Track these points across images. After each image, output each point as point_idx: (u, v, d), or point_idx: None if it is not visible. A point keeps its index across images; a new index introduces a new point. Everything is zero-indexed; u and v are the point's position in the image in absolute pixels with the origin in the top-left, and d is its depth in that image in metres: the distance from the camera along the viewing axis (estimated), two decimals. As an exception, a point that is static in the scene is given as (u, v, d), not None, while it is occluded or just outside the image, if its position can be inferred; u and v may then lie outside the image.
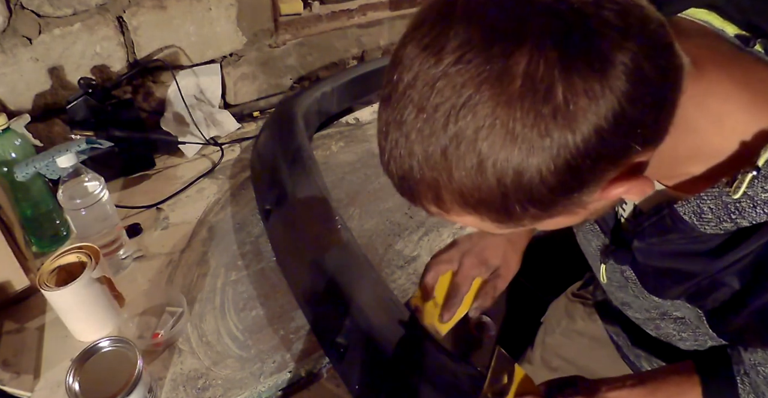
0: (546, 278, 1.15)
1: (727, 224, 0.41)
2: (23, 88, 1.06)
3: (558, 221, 0.41)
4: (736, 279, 0.44)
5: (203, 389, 0.74)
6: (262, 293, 0.88)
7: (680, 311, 0.55)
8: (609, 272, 0.59)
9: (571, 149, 0.33)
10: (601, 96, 0.32)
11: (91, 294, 0.76)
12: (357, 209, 1.06)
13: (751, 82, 0.40)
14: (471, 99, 0.32)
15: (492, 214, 0.37)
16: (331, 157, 1.23)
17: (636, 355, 0.72)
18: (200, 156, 1.22)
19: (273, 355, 0.78)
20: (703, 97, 0.40)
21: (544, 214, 0.37)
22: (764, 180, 0.38)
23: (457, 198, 0.36)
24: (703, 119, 0.41)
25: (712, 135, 0.41)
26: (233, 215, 1.05)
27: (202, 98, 1.30)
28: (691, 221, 0.44)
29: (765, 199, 0.39)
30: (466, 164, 0.34)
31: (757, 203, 0.39)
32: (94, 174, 0.85)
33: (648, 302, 0.57)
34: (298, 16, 1.39)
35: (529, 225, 0.40)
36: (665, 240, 0.48)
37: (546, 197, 0.35)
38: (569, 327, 0.89)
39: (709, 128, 0.41)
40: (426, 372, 0.66)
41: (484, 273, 0.70)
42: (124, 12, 1.10)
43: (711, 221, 0.42)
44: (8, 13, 0.98)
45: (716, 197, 0.41)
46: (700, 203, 0.43)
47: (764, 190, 0.39)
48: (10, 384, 0.74)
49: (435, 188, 0.36)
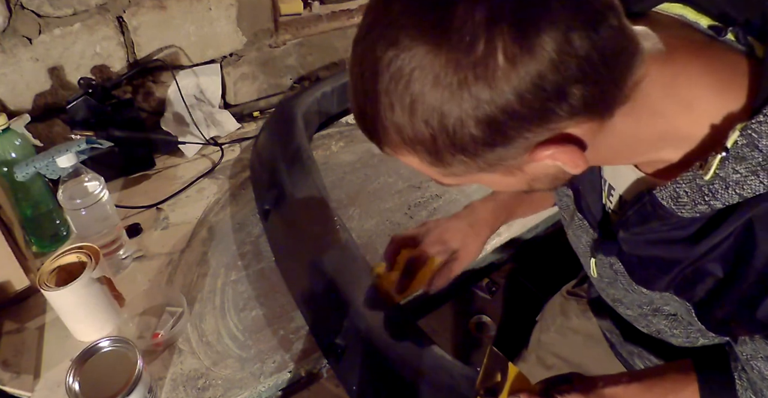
0: (542, 277, 1.15)
1: (701, 207, 0.42)
2: (23, 88, 1.06)
3: (497, 180, 0.44)
4: (719, 267, 0.45)
5: (203, 389, 0.74)
6: (262, 294, 0.88)
7: (670, 305, 0.55)
8: (599, 267, 0.60)
9: (490, 105, 0.35)
10: (521, 60, 0.34)
11: (91, 294, 0.76)
12: (357, 209, 1.06)
13: (721, 68, 0.41)
14: (412, 41, 0.35)
15: (427, 156, 0.40)
16: (331, 157, 1.23)
17: (629, 352, 0.73)
18: (200, 156, 1.22)
19: (273, 355, 0.78)
20: (672, 82, 0.40)
21: (475, 165, 0.40)
22: (735, 161, 0.39)
23: (398, 137, 0.39)
24: (671, 103, 0.41)
25: (680, 119, 0.41)
26: (233, 215, 1.05)
27: (202, 98, 1.30)
28: (668, 205, 0.44)
29: (736, 180, 0.39)
30: (403, 102, 0.37)
31: (729, 185, 0.40)
32: (94, 174, 0.86)
33: (639, 296, 0.57)
34: (298, 16, 1.39)
35: (466, 176, 0.43)
36: (647, 229, 0.49)
37: (470, 146, 0.38)
38: (564, 325, 0.90)
39: (678, 112, 0.41)
40: (424, 373, 0.66)
41: (442, 254, 0.74)
42: (124, 12, 1.10)
43: (687, 205, 0.43)
44: (8, 13, 0.98)
45: (690, 180, 0.42)
46: (676, 188, 0.43)
47: (735, 171, 0.39)
48: (10, 384, 0.74)
49: (381, 126, 0.40)
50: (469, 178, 0.44)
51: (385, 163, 1.19)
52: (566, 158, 0.39)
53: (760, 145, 0.38)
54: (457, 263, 0.74)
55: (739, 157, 0.39)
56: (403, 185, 1.12)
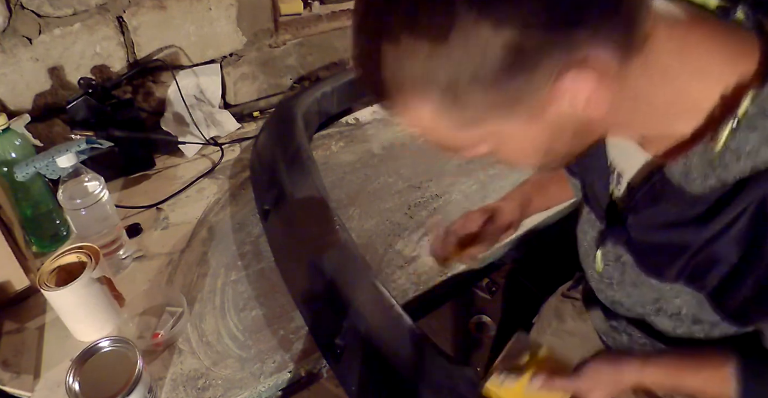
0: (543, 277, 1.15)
1: (711, 181, 0.41)
2: (23, 88, 1.06)
3: (517, 133, 0.42)
4: (732, 251, 0.44)
5: (203, 389, 0.74)
6: (262, 294, 0.88)
7: (680, 297, 0.53)
8: (605, 260, 0.59)
9: (512, 24, 0.34)
10: None
11: (91, 294, 0.76)
12: (357, 209, 1.06)
13: (732, 40, 0.41)
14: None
15: (443, 98, 0.38)
16: (331, 157, 1.23)
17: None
18: (200, 156, 1.22)
19: (273, 355, 0.78)
20: (683, 47, 0.40)
21: (494, 104, 0.38)
22: (746, 131, 0.38)
23: (412, 81, 0.38)
24: (683, 67, 0.41)
25: (692, 86, 0.41)
26: (233, 215, 1.05)
27: (202, 98, 1.30)
28: (678, 182, 0.44)
29: (748, 151, 0.39)
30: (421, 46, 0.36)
31: (740, 156, 0.39)
32: (94, 174, 0.86)
33: (645, 292, 0.56)
34: (298, 16, 1.39)
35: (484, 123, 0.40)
36: (657, 211, 0.48)
37: (491, 75, 0.36)
38: (560, 328, 0.89)
39: (690, 78, 0.41)
40: (423, 374, 0.66)
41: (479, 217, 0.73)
42: (124, 12, 1.10)
43: (697, 180, 0.42)
44: (8, 13, 0.98)
45: (701, 153, 0.41)
46: (686, 162, 0.43)
47: (747, 141, 0.39)
48: (10, 384, 0.74)
49: (392, 72, 0.38)
50: (487, 130, 0.41)
51: (385, 163, 1.19)
52: (588, 87, 0.38)
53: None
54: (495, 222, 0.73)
55: (750, 126, 0.38)
56: (403, 185, 1.12)
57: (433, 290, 0.90)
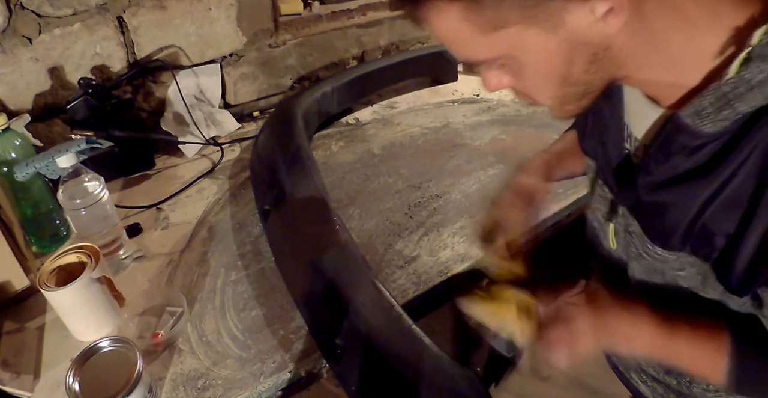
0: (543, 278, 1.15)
1: (726, 112, 0.42)
2: (23, 88, 1.06)
3: (538, 43, 0.43)
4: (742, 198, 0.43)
5: (203, 389, 0.74)
6: (261, 294, 0.88)
7: (685, 270, 0.52)
8: (617, 233, 0.59)
9: None
10: None
11: (91, 294, 0.76)
12: (357, 209, 1.06)
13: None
14: None
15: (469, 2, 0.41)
16: (331, 157, 1.23)
17: (626, 366, 0.72)
18: (200, 156, 1.22)
19: (273, 355, 0.78)
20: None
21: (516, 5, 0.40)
22: (759, 60, 0.39)
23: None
24: (698, 9, 0.42)
25: (705, 28, 0.42)
26: (233, 215, 1.05)
27: (202, 98, 1.30)
28: (692, 122, 0.44)
29: (761, 80, 0.39)
30: None
31: (753, 86, 0.40)
32: (94, 174, 0.86)
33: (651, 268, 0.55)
34: (298, 16, 1.39)
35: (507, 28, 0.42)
36: (668, 166, 0.48)
37: None
38: None
39: (706, 20, 0.42)
40: (423, 374, 0.66)
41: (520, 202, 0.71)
42: (124, 12, 1.10)
43: (710, 115, 0.43)
44: (8, 13, 0.98)
45: (715, 89, 0.42)
46: (701, 101, 0.43)
47: (761, 70, 0.39)
48: (10, 384, 0.74)
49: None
50: (511, 36, 0.43)
51: (385, 163, 1.20)
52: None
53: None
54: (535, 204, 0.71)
55: (763, 56, 0.39)
56: (403, 185, 1.12)
57: (433, 290, 0.90)
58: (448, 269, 0.93)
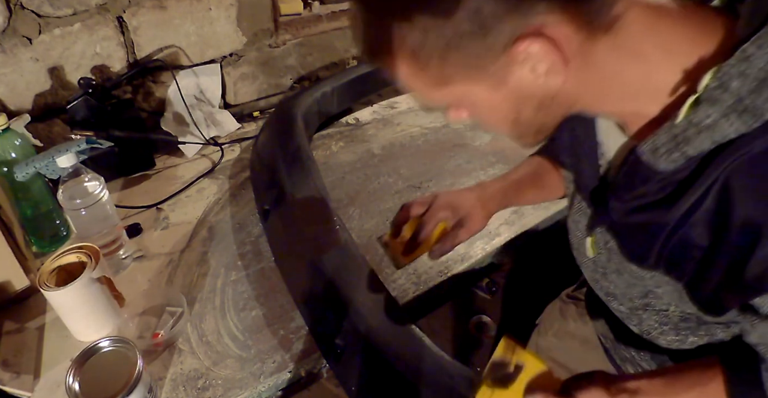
0: (543, 278, 1.15)
1: (675, 155, 0.42)
2: (23, 88, 1.06)
3: (485, 98, 0.45)
4: (703, 234, 0.44)
5: (203, 389, 0.74)
6: (262, 294, 0.88)
7: (661, 287, 0.53)
8: (596, 246, 0.59)
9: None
10: None
11: (91, 294, 0.76)
12: (357, 209, 1.06)
13: (703, 22, 0.42)
14: None
15: (415, 60, 0.43)
16: (331, 157, 1.23)
17: (621, 358, 0.72)
18: (200, 156, 1.22)
19: (273, 355, 0.78)
20: (654, 26, 0.42)
21: (460, 66, 0.42)
22: (707, 104, 0.39)
23: (389, 43, 0.43)
24: (652, 47, 0.42)
25: (660, 65, 0.42)
26: (233, 215, 1.05)
27: (202, 98, 1.30)
28: (647, 159, 0.45)
29: (708, 124, 0.40)
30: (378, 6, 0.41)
31: (701, 130, 0.40)
32: (94, 174, 0.86)
33: (629, 282, 0.56)
34: (298, 16, 1.39)
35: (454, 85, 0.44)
36: (634, 193, 0.48)
37: (451, 38, 0.40)
38: (562, 329, 0.89)
39: (658, 57, 0.42)
40: (423, 374, 0.66)
41: (449, 219, 0.74)
42: (124, 12, 1.10)
43: (663, 155, 0.43)
44: (8, 13, 0.98)
45: (667, 129, 0.42)
46: (655, 140, 0.44)
47: (707, 115, 0.39)
48: (10, 384, 0.74)
49: (370, 38, 0.44)
50: (457, 91, 0.45)
51: (385, 163, 1.20)
52: (542, 54, 0.40)
53: (731, 87, 0.38)
54: (464, 230, 0.74)
55: (711, 99, 0.39)
56: (403, 185, 1.12)
57: (433, 290, 0.90)
58: (448, 269, 0.93)
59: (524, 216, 1.03)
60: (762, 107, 0.38)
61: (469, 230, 0.75)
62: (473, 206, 0.75)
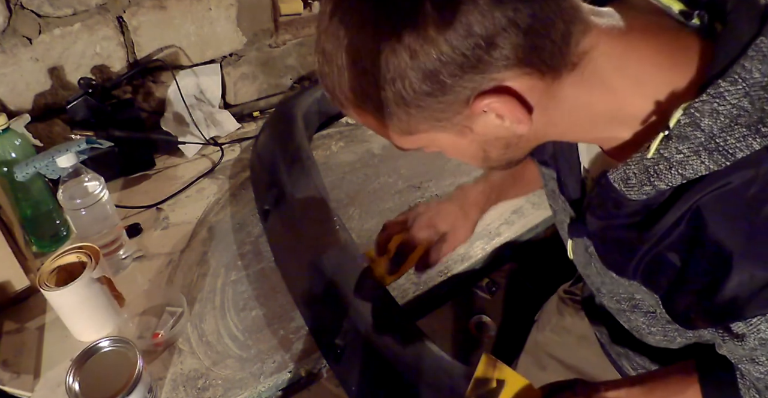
0: (542, 277, 1.16)
1: (647, 188, 0.42)
2: (23, 88, 1.06)
3: (451, 142, 0.46)
4: (676, 256, 0.44)
5: (203, 389, 0.74)
6: (262, 294, 0.88)
7: (640, 295, 0.54)
8: (575, 249, 0.60)
9: (424, 54, 0.37)
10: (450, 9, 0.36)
11: (91, 294, 0.76)
12: (357, 209, 1.06)
13: (675, 50, 0.41)
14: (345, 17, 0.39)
15: (378, 114, 0.43)
16: (331, 157, 1.23)
17: (617, 353, 0.73)
18: (200, 156, 1.22)
19: (273, 355, 0.78)
20: (623, 58, 0.41)
21: (423, 119, 0.42)
22: (678, 141, 0.39)
23: (351, 97, 0.43)
24: (622, 78, 0.41)
25: (631, 97, 0.42)
26: (233, 215, 1.05)
27: (202, 98, 1.30)
28: (620, 188, 0.45)
29: (679, 160, 0.39)
30: (347, 60, 0.40)
31: (672, 165, 0.40)
32: (94, 174, 0.86)
33: (614, 286, 0.56)
34: (298, 16, 1.39)
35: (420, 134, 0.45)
36: (607, 212, 0.49)
37: (413, 98, 0.40)
38: (559, 324, 0.90)
39: (629, 88, 0.42)
40: (423, 374, 0.66)
41: (432, 236, 0.75)
42: (124, 12, 1.10)
43: (635, 187, 0.43)
44: (8, 13, 0.98)
45: (638, 161, 0.42)
46: (626, 169, 0.43)
47: (678, 151, 0.39)
48: (10, 384, 0.74)
49: (337, 88, 0.43)
50: (424, 138, 0.45)
51: (385, 163, 1.19)
52: (505, 109, 0.40)
53: (702, 124, 0.38)
54: (447, 245, 0.75)
55: (682, 136, 0.39)
56: (403, 185, 1.12)
57: (433, 290, 0.90)
58: (448, 269, 0.93)
59: (524, 216, 1.03)
60: (734, 146, 0.38)
61: (452, 244, 0.76)
62: (456, 219, 0.76)
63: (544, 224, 1.03)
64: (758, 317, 0.41)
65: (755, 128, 0.37)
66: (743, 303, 0.41)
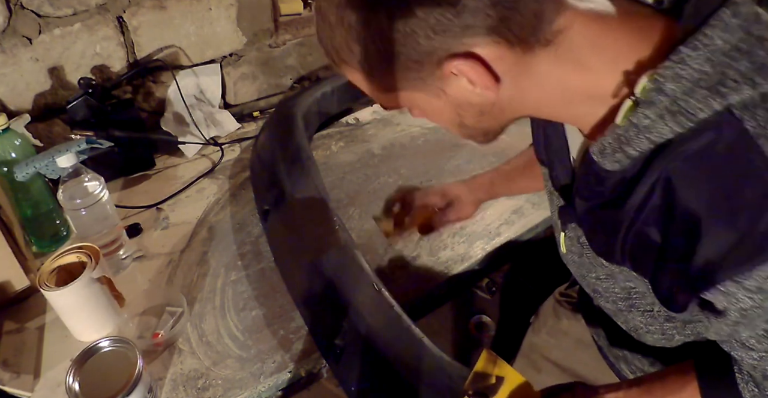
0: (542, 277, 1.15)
1: (618, 155, 0.44)
2: (23, 88, 1.06)
3: (428, 102, 0.49)
4: (655, 231, 0.45)
5: (203, 389, 0.74)
6: (261, 294, 0.88)
7: (631, 281, 0.54)
8: (569, 244, 0.60)
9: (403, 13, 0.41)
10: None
11: (91, 294, 0.76)
12: (357, 209, 1.06)
13: (648, 32, 0.43)
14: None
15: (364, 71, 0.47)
16: (331, 157, 1.23)
17: (615, 356, 0.73)
18: (200, 156, 1.22)
19: (273, 355, 0.78)
20: (598, 39, 0.43)
21: (402, 77, 0.46)
22: (644, 106, 0.41)
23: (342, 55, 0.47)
24: (597, 58, 0.43)
25: (605, 75, 0.43)
26: (233, 215, 1.05)
27: (202, 98, 1.30)
28: (597, 159, 0.46)
29: (646, 125, 0.41)
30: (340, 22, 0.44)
31: (640, 130, 0.41)
32: (94, 174, 0.86)
33: (609, 282, 0.57)
34: (298, 16, 1.39)
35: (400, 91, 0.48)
36: (592, 192, 0.50)
37: (390, 54, 0.44)
38: (555, 326, 0.89)
39: (603, 67, 0.43)
40: (423, 374, 0.66)
41: (439, 202, 0.82)
42: (124, 12, 1.10)
43: (609, 156, 0.44)
44: (8, 13, 0.98)
45: (612, 131, 0.44)
46: (602, 140, 0.45)
47: (645, 116, 0.41)
48: (10, 384, 0.74)
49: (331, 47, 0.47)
50: (404, 97, 0.49)
51: (385, 163, 1.20)
52: (473, 74, 0.43)
53: (666, 89, 0.40)
54: (452, 211, 0.80)
55: (647, 102, 0.41)
56: (403, 185, 1.12)
57: (433, 290, 0.90)
58: (448, 269, 0.93)
59: (524, 216, 1.03)
60: (695, 107, 0.39)
61: (458, 212, 0.83)
62: (461, 192, 0.83)
63: (544, 224, 1.03)
64: (733, 283, 0.41)
65: (715, 89, 0.39)
66: (715, 267, 0.41)
